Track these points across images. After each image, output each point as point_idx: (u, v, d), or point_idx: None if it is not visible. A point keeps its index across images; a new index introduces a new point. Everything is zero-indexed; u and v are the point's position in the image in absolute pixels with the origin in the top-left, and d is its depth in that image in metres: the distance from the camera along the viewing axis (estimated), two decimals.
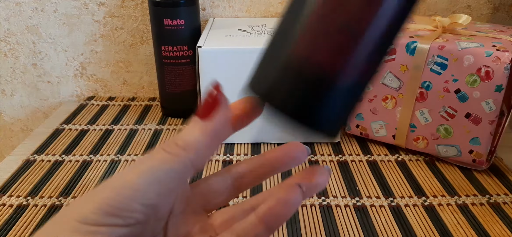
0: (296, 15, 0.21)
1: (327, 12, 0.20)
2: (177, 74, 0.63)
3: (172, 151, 0.20)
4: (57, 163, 0.54)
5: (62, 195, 0.48)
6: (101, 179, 0.50)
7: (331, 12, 0.20)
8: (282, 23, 0.23)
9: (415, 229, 0.42)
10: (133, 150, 0.57)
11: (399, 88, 0.52)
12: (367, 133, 0.57)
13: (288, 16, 0.22)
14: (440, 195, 0.47)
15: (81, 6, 0.70)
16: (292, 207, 0.22)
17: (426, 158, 0.54)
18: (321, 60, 0.20)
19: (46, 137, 0.61)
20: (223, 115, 0.21)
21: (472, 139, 0.49)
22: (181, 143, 0.21)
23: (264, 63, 0.22)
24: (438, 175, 0.51)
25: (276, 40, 0.22)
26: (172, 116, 0.67)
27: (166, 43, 0.61)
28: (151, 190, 0.19)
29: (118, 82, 0.76)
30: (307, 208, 0.45)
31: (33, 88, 0.76)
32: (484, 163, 0.50)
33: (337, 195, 0.47)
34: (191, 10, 0.60)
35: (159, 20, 0.60)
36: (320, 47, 0.20)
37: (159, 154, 0.20)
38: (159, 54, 0.63)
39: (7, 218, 0.44)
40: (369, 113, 0.55)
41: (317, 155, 0.55)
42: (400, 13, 0.21)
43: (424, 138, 0.52)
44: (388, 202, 0.46)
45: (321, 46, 0.20)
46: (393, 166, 0.53)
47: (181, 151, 0.20)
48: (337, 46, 0.20)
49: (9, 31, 0.71)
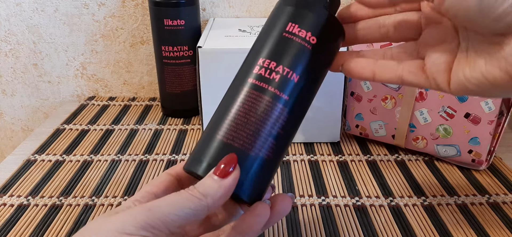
0: (223, 113, 0.31)
1: (243, 114, 0.30)
2: (177, 74, 0.63)
3: (196, 195, 0.27)
4: (57, 163, 0.54)
5: (62, 195, 0.48)
6: (101, 179, 0.51)
7: (246, 115, 0.30)
8: (214, 116, 0.32)
9: (414, 229, 0.42)
10: (134, 150, 0.57)
11: (398, 88, 0.52)
12: (367, 133, 0.57)
13: (218, 111, 0.32)
14: (439, 195, 0.47)
15: (82, 6, 0.70)
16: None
17: (425, 158, 0.55)
18: (239, 144, 0.29)
19: (47, 137, 0.61)
20: (235, 177, 0.28)
21: (472, 139, 0.49)
22: (202, 190, 0.27)
23: (200, 146, 0.31)
24: (438, 175, 0.51)
25: (208, 129, 0.31)
26: (172, 116, 0.67)
27: (167, 43, 0.61)
28: (176, 219, 0.26)
29: (119, 82, 0.76)
30: (307, 208, 0.45)
31: (33, 88, 0.76)
32: (484, 163, 0.50)
33: (337, 195, 0.47)
34: (191, 10, 0.61)
35: (160, 20, 0.60)
36: (238, 135, 0.30)
37: (186, 194, 0.27)
38: (159, 54, 0.63)
39: (7, 218, 0.44)
40: (368, 113, 0.55)
41: (317, 155, 0.55)
42: (293, 117, 0.31)
43: (424, 138, 0.52)
44: (388, 202, 0.46)
45: (239, 135, 0.30)
46: (392, 166, 0.53)
47: (202, 197, 0.27)
48: (250, 135, 0.30)
49: (9, 31, 0.72)
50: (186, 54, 0.62)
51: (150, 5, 0.61)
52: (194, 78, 0.64)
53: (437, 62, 0.30)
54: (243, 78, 0.32)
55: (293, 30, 0.31)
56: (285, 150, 0.32)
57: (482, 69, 0.27)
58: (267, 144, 0.30)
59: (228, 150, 0.29)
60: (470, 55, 0.28)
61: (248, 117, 0.30)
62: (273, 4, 0.71)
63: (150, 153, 0.56)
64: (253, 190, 0.30)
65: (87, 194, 0.48)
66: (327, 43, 0.32)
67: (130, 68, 0.75)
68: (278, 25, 0.32)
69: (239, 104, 0.30)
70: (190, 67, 0.63)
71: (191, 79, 0.64)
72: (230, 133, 0.30)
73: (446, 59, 0.30)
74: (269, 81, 0.30)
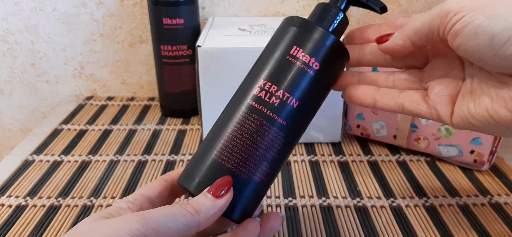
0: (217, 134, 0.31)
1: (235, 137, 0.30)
2: (176, 74, 0.63)
3: (190, 211, 0.28)
4: (56, 163, 0.54)
5: (61, 195, 0.47)
6: (100, 180, 0.50)
7: (242, 137, 0.30)
8: (211, 132, 0.32)
9: (416, 230, 0.42)
10: (132, 150, 0.57)
11: None
12: (368, 133, 0.57)
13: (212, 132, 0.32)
14: (441, 195, 0.47)
15: (80, 6, 0.69)
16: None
17: (427, 158, 0.54)
18: (233, 166, 0.30)
19: (45, 137, 0.60)
20: (228, 199, 0.29)
21: (473, 139, 0.49)
22: (196, 207, 0.28)
23: (194, 162, 0.31)
24: (439, 176, 0.51)
25: (205, 145, 0.32)
26: (171, 116, 0.67)
27: (166, 43, 0.61)
28: (168, 231, 0.27)
29: (117, 82, 0.76)
30: (307, 209, 0.45)
31: (31, 87, 0.76)
32: (485, 163, 0.50)
33: (337, 196, 0.47)
34: (190, 9, 0.60)
35: (159, 19, 0.59)
36: (234, 157, 0.30)
37: (180, 208, 0.28)
38: (158, 54, 0.62)
39: (6, 218, 0.44)
40: (370, 113, 0.55)
41: (318, 156, 0.55)
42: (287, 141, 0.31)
43: (425, 138, 0.52)
44: (389, 202, 0.46)
45: (234, 157, 0.30)
46: (394, 166, 0.53)
47: (195, 213, 0.28)
48: (245, 159, 0.30)
49: (7, 30, 0.71)
50: (185, 53, 0.62)
51: (149, 4, 0.60)
52: (194, 78, 0.64)
53: (441, 93, 0.30)
54: (242, 97, 0.31)
55: (297, 54, 0.31)
56: (279, 171, 0.33)
57: (487, 107, 0.27)
58: (261, 168, 0.30)
59: (222, 171, 0.30)
60: (476, 91, 0.29)
61: (245, 140, 0.30)
62: (273, 3, 0.70)
63: (149, 153, 0.56)
64: (244, 211, 0.31)
65: (86, 195, 0.47)
66: (331, 69, 0.32)
67: (129, 68, 0.74)
68: (283, 46, 0.32)
69: (237, 125, 0.30)
70: (189, 66, 0.63)
71: (191, 78, 0.64)
72: (225, 154, 0.30)
73: (450, 92, 0.30)
74: (268, 105, 0.30)
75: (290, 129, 0.31)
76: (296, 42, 0.31)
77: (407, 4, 0.70)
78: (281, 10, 0.71)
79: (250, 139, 0.30)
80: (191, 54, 0.62)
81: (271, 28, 0.61)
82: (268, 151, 0.30)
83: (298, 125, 0.32)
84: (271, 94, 0.30)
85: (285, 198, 0.46)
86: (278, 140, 0.31)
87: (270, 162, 0.31)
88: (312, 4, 0.71)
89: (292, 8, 0.71)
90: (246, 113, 0.30)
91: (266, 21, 0.66)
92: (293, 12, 0.71)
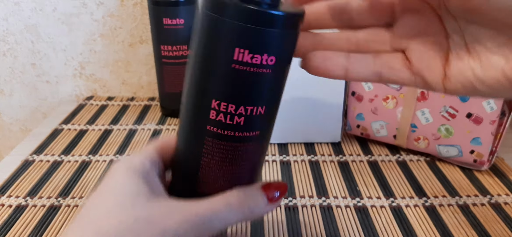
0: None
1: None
2: (176, 74, 0.63)
3: (245, 212, 0.27)
4: (56, 163, 0.54)
5: (61, 195, 0.47)
6: (100, 179, 0.50)
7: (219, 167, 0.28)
8: (176, 172, 0.30)
9: (416, 230, 0.42)
10: (132, 150, 0.57)
11: (400, 88, 0.52)
12: (368, 133, 0.57)
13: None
14: (441, 195, 0.47)
15: (80, 6, 0.69)
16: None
17: (427, 158, 0.54)
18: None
19: (45, 137, 0.60)
20: (278, 204, 0.30)
21: (473, 139, 0.49)
22: (252, 208, 0.28)
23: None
24: (439, 175, 0.51)
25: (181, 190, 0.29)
26: (171, 116, 0.67)
27: (166, 43, 0.61)
28: (218, 228, 0.26)
29: (117, 82, 0.76)
30: (307, 209, 0.45)
31: (32, 88, 0.76)
32: (485, 163, 0.50)
33: (337, 196, 0.47)
34: (190, 9, 0.60)
35: (159, 19, 0.60)
36: (218, 186, 0.28)
37: (237, 208, 0.27)
38: (158, 54, 0.62)
39: (6, 218, 0.44)
40: (370, 113, 0.55)
41: (318, 156, 0.55)
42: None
43: (425, 138, 0.52)
44: (389, 202, 0.46)
45: (218, 186, 0.28)
46: (394, 166, 0.53)
47: (250, 214, 0.27)
48: (228, 181, 0.28)
49: (8, 30, 0.71)
50: (185, 53, 0.62)
51: (149, 4, 0.60)
52: None
53: (425, 57, 0.26)
54: (198, 125, 0.26)
55: (243, 58, 0.24)
56: (263, 161, 0.31)
57: (504, 68, 0.22)
58: (247, 176, 0.29)
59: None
60: (477, 51, 0.24)
61: (223, 167, 0.27)
62: None
63: None
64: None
65: (86, 195, 0.47)
66: (289, 51, 0.26)
67: (129, 68, 0.74)
68: (221, 53, 0.24)
69: (208, 157, 0.27)
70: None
71: None
72: (205, 187, 0.28)
73: (437, 54, 0.25)
74: (233, 127, 0.26)
75: (265, 132, 0.28)
76: (236, 43, 0.23)
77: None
78: None
79: (229, 163, 0.27)
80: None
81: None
82: (250, 162, 0.28)
83: (272, 122, 0.28)
84: (232, 115, 0.25)
85: (285, 198, 0.47)
86: (256, 148, 0.28)
87: (254, 166, 0.29)
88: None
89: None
90: (212, 141, 0.26)
91: None
92: None
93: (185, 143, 0.28)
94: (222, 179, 0.28)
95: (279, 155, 0.55)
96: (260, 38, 0.23)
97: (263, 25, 0.23)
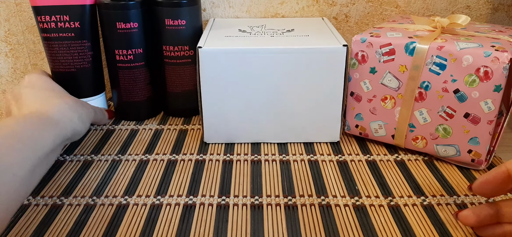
0: None
1: None
2: (178, 74, 0.63)
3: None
4: (58, 163, 0.54)
5: (63, 194, 0.48)
6: (102, 180, 0.51)
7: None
8: None
9: (414, 228, 0.42)
10: (134, 150, 0.57)
11: (398, 88, 0.52)
12: (367, 133, 0.57)
13: None
14: (439, 194, 0.47)
15: None
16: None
17: (425, 157, 0.55)
18: None
19: None
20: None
21: (471, 139, 0.49)
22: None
23: None
24: (437, 175, 0.51)
25: None
26: (173, 115, 0.68)
27: (168, 43, 0.61)
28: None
29: None
30: (306, 208, 0.45)
31: None
32: (483, 163, 0.50)
33: (336, 195, 0.48)
34: (192, 10, 0.61)
35: (161, 21, 0.60)
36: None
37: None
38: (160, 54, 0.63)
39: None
40: (368, 113, 0.55)
41: (317, 155, 0.56)
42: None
43: (423, 138, 0.53)
44: (387, 201, 0.46)
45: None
46: (392, 165, 0.53)
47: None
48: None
49: (9, 31, 0.72)
50: (187, 54, 0.62)
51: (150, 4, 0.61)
52: (195, 78, 0.65)
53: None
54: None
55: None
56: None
57: None
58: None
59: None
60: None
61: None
62: (273, 5, 0.71)
63: (150, 153, 0.57)
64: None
65: (88, 194, 0.48)
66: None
67: None
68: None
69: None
70: (191, 67, 0.63)
71: (192, 79, 0.64)
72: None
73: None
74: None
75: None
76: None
77: (405, 5, 0.70)
78: (281, 12, 0.72)
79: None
80: (192, 54, 0.63)
81: (270, 29, 0.62)
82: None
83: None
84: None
85: (285, 197, 0.47)
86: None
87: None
88: (312, 5, 0.71)
89: (291, 9, 0.71)
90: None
91: (266, 22, 0.66)
92: (292, 13, 0.72)
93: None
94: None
95: (278, 155, 0.56)
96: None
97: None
